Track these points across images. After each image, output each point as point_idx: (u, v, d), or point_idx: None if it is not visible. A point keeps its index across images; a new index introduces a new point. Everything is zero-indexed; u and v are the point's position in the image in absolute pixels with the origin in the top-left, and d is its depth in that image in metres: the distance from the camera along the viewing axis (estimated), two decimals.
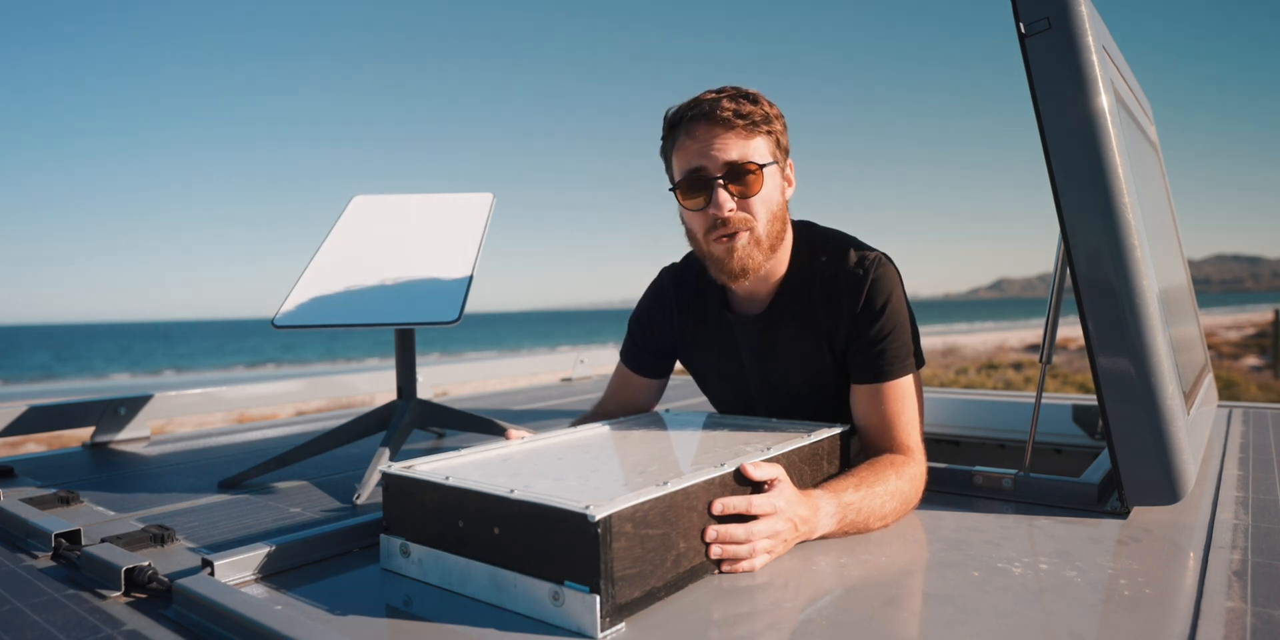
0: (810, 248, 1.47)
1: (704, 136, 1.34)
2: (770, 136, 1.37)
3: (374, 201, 2.18)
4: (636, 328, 1.69)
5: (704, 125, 1.34)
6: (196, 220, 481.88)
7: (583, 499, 0.91)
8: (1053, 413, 2.33)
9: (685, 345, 1.63)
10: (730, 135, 1.33)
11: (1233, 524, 1.25)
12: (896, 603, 0.96)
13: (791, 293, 1.46)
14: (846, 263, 1.41)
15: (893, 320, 1.38)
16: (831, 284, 1.42)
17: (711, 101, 1.34)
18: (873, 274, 1.39)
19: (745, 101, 1.34)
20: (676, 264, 1.67)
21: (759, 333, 1.50)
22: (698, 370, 1.66)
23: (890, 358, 1.37)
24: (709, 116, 1.33)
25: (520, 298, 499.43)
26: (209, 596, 0.94)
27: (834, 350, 1.44)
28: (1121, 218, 1.17)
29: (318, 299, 1.80)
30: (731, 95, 1.36)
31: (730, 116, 1.32)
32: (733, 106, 1.33)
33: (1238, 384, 9.66)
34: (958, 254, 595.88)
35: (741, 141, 1.33)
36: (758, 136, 1.35)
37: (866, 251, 1.43)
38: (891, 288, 1.39)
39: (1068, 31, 1.16)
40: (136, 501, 1.56)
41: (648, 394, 1.73)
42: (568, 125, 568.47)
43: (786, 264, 1.47)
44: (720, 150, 1.33)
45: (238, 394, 2.60)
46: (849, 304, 1.39)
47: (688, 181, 1.36)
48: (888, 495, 1.22)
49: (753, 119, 1.33)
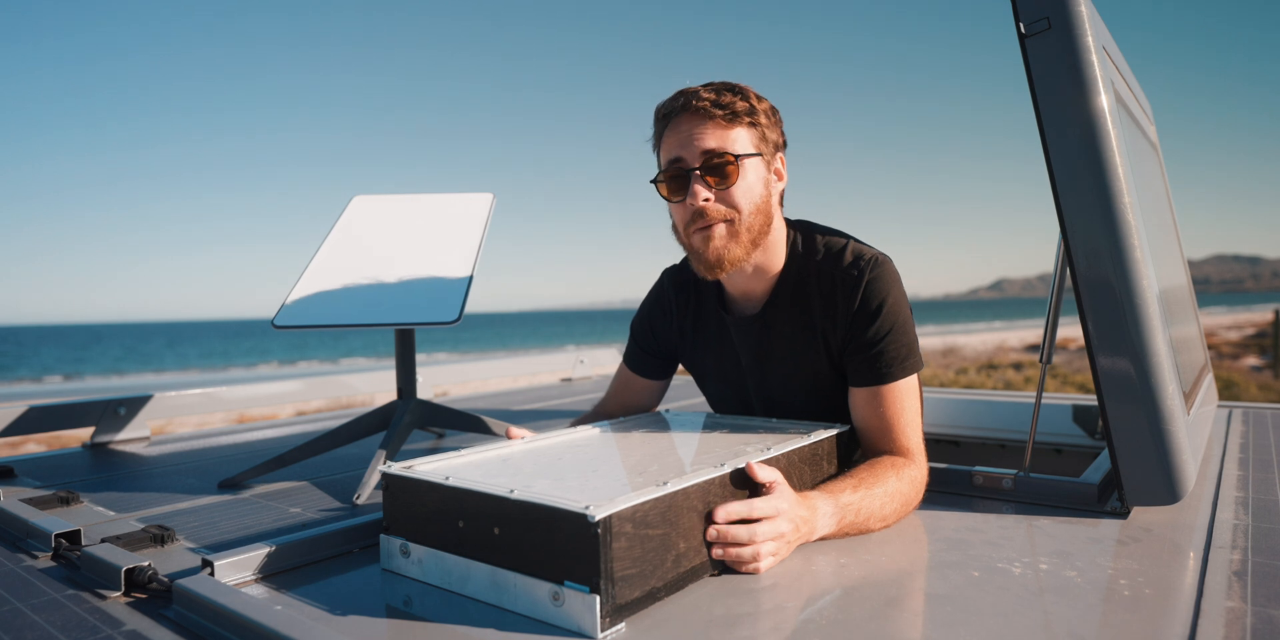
0: (808, 247, 1.46)
1: (684, 128, 1.34)
2: (754, 128, 1.36)
3: (374, 201, 2.18)
4: (638, 329, 1.69)
5: (684, 116, 1.35)
6: (195, 220, 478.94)
7: (583, 499, 0.91)
8: (1053, 413, 2.33)
9: (685, 347, 1.63)
10: (709, 125, 1.33)
11: (1233, 524, 1.25)
12: (897, 603, 0.96)
13: (788, 292, 1.45)
14: (843, 262, 1.41)
15: (890, 321, 1.36)
16: (828, 283, 1.41)
17: (693, 93, 1.35)
18: (869, 274, 1.38)
19: (728, 93, 1.34)
20: (677, 265, 1.66)
21: (755, 333, 1.49)
22: (696, 371, 1.66)
23: (888, 359, 1.36)
24: (689, 108, 1.34)
25: (520, 298, 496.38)
26: (209, 596, 0.93)
27: (830, 351, 1.43)
28: (1121, 218, 1.17)
29: (318, 299, 1.80)
30: (715, 88, 1.36)
31: (708, 106, 1.32)
32: (712, 97, 1.33)
33: (1238, 384, 9.66)
34: (958, 254, 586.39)
35: (720, 132, 1.33)
36: (737, 127, 1.34)
37: (864, 250, 1.42)
38: (889, 288, 1.38)
39: (1068, 31, 1.16)
40: (136, 501, 1.56)
41: (649, 395, 1.73)
42: (568, 125, 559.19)
43: (782, 262, 1.46)
44: (699, 141, 1.33)
45: (238, 394, 2.60)
46: (845, 304, 1.39)
47: (668, 173, 1.37)
48: (887, 496, 1.22)
49: (733, 109, 1.33)
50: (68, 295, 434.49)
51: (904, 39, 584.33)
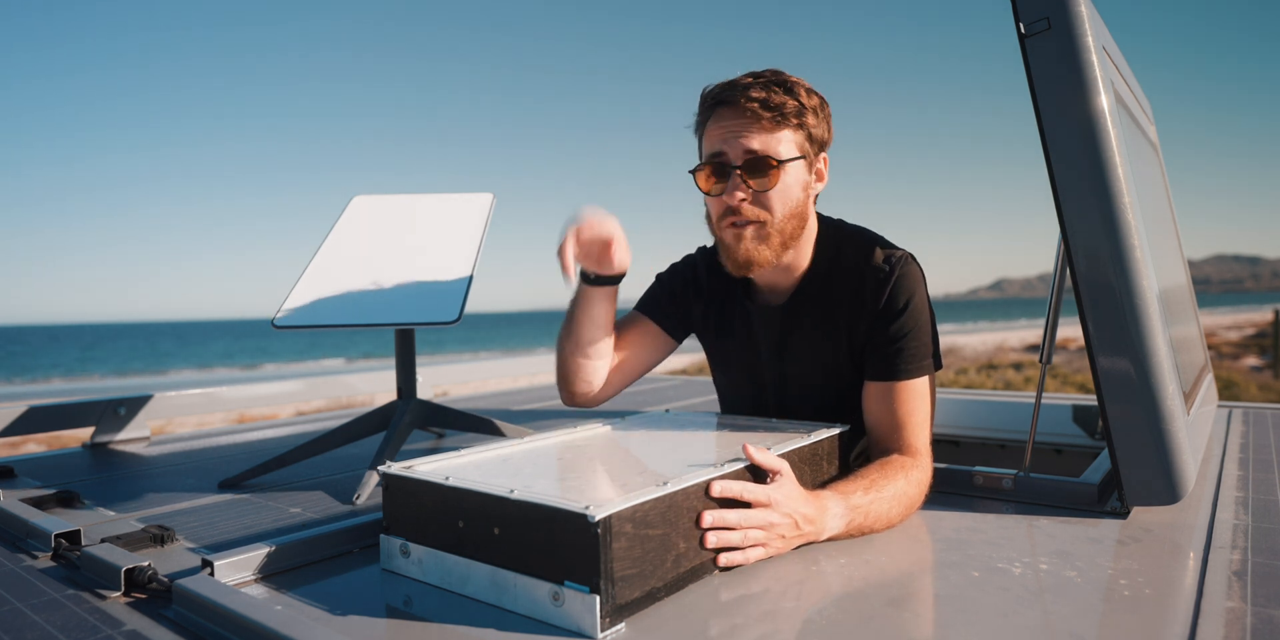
0: (837, 243, 1.46)
1: (729, 123, 1.33)
2: (800, 130, 1.34)
3: (374, 201, 2.18)
4: (665, 280, 1.62)
5: (730, 111, 1.33)
6: (194, 220, 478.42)
7: (583, 499, 0.91)
8: (1053, 413, 2.33)
9: (707, 330, 1.61)
10: (755, 126, 1.31)
11: (1233, 524, 1.25)
12: (897, 603, 0.96)
13: (814, 286, 1.46)
14: (872, 259, 1.41)
15: (913, 319, 1.37)
16: (856, 279, 1.41)
17: (743, 87, 1.32)
18: (898, 271, 1.38)
19: (778, 91, 1.32)
20: (712, 247, 1.60)
21: (779, 324, 1.49)
22: (715, 358, 1.64)
23: (907, 357, 1.36)
24: (736, 103, 1.32)
25: (520, 298, 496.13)
26: (209, 597, 0.94)
27: (852, 346, 1.43)
28: (1121, 218, 1.17)
29: (318, 299, 1.80)
30: (766, 83, 1.33)
31: (758, 108, 1.30)
32: (762, 96, 1.30)
33: (1238, 384, 9.66)
34: (958, 254, 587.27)
35: (766, 134, 1.32)
36: (785, 129, 1.33)
37: (893, 250, 1.42)
38: (915, 287, 1.39)
39: (1068, 31, 1.16)
40: (136, 501, 1.56)
41: (645, 354, 1.58)
42: (568, 124, 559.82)
43: (810, 258, 1.46)
44: (744, 139, 1.31)
45: (238, 394, 2.60)
46: (871, 300, 1.39)
47: (709, 166, 1.36)
48: (895, 499, 1.21)
49: (782, 110, 1.31)
50: (66, 296, 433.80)
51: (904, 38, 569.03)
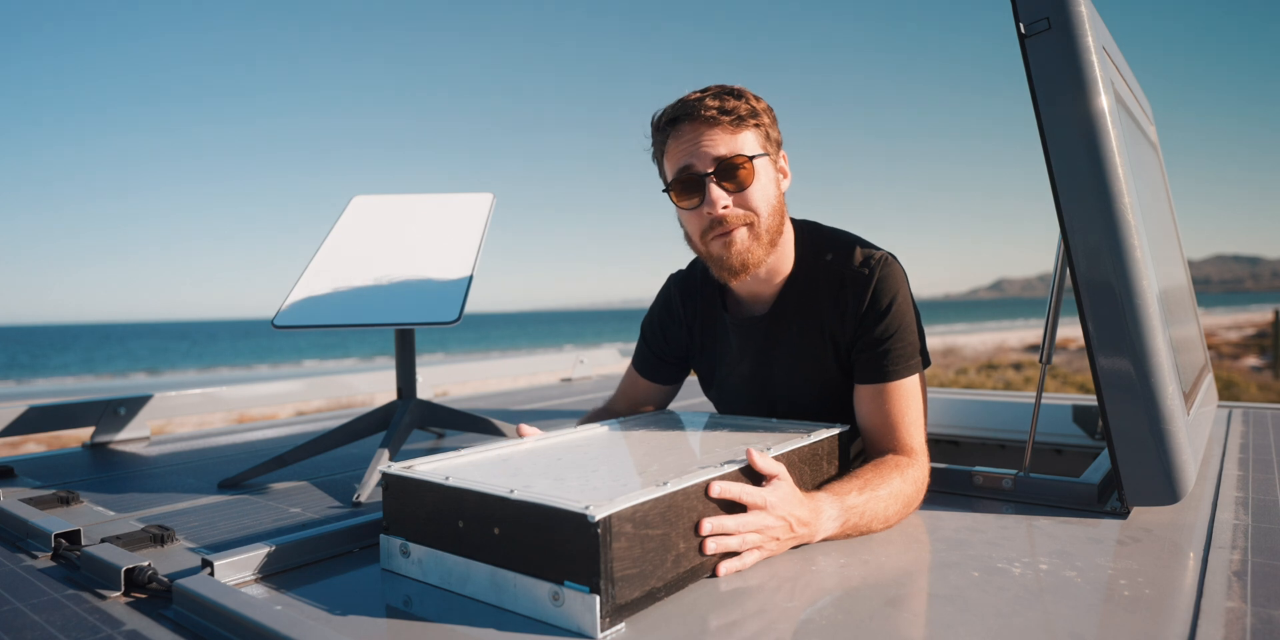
0: (815, 247, 1.46)
1: (690, 135, 1.34)
2: (759, 129, 1.37)
3: (374, 201, 2.18)
4: (649, 332, 1.68)
5: (689, 124, 1.34)
6: (194, 220, 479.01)
7: (583, 499, 0.91)
8: (1053, 413, 2.33)
9: (695, 351, 1.63)
10: (716, 131, 1.33)
11: (1233, 524, 1.25)
12: (897, 603, 0.96)
13: (796, 292, 1.46)
14: (852, 262, 1.41)
15: (898, 320, 1.37)
16: (837, 283, 1.42)
17: (695, 101, 1.34)
18: (878, 273, 1.39)
19: (729, 97, 1.34)
20: (683, 271, 1.66)
21: (761, 335, 1.49)
22: (703, 373, 1.66)
23: (895, 357, 1.36)
24: (693, 116, 1.33)
25: (520, 298, 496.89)
26: (209, 596, 0.94)
27: (838, 350, 1.44)
28: (1121, 218, 1.17)
29: (318, 299, 1.80)
30: (715, 93, 1.35)
31: (715, 114, 1.32)
32: (716, 104, 1.32)
33: (1238, 384, 9.66)
34: (958, 254, 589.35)
35: (729, 137, 1.33)
36: (745, 130, 1.34)
37: (872, 251, 1.43)
38: (897, 287, 1.39)
39: (1068, 32, 1.16)
40: (136, 501, 1.56)
41: (658, 398, 1.72)
42: (568, 125, 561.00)
43: (790, 263, 1.47)
44: (709, 147, 1.32)
45: (237, 394, 2.60)
46: (854, 303, 1.39)
47: (680, 181, 1.36)
48: (891, 498, 1.22)
49: (738, 114, 1.33)
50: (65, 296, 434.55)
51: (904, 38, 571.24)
